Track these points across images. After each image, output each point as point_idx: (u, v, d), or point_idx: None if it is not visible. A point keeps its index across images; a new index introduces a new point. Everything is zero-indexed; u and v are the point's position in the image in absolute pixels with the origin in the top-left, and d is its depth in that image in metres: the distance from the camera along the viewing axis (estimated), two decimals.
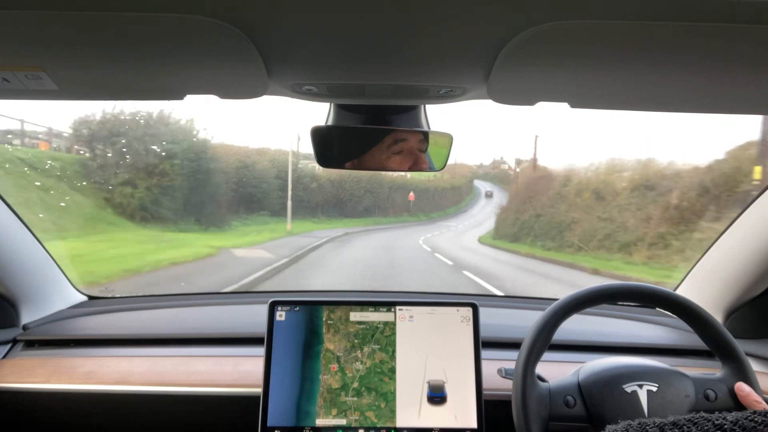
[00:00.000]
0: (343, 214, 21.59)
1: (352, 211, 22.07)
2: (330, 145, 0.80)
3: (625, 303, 1.33)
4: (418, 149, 0.80)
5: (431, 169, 0.83)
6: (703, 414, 0.35)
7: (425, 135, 0.80)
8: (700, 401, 0.79)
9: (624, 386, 0.80)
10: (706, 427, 0.33)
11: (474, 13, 0.45)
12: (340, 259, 9.67)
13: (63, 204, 8.92)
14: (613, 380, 0.81)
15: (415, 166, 0.81)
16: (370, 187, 23.10)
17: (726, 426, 0.32)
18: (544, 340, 0.83)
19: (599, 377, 0.83)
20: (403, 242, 14.24)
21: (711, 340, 0.84)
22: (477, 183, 43.98)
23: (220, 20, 0.46)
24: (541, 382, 0.83)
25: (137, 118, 11.63)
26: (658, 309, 1.33)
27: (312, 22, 0.47)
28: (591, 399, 0.81)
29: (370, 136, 0.80)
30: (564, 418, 0.81)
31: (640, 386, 0.80)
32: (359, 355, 0.95)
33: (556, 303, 0.85)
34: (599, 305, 0.96)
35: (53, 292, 1.29)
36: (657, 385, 0.80)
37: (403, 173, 14.64)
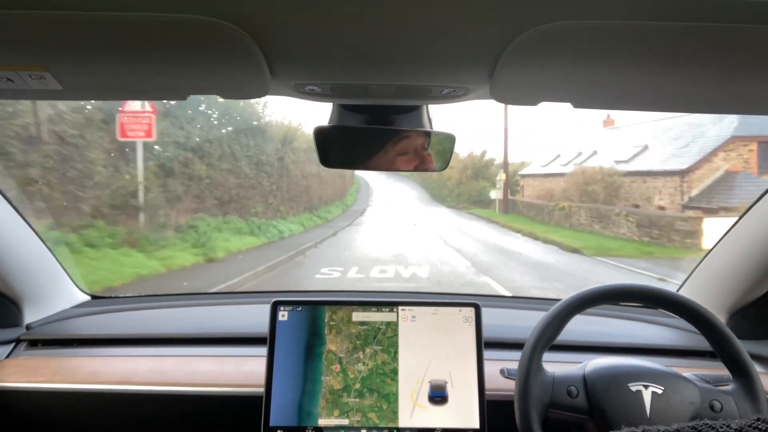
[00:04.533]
0: None
1: None
2: (333, 145, 0.80)
3: (633, 304, 1.33)
4: (422, 148, 0.80)
5: (435, 169, 0.84)
6: (707, 422, 0.34)
7: (429, 135, 0.80)
8: (704, 410, 0.79)
9: (629, 384, 0.80)
10: None
11: (477, 13, 0.45)
12: None
13: None
14: (619, 377, 0.82)
15: (421, 166, 0.81)
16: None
17: None
18: (555, 330, 0.84)
19: (606, 372, 0.83)
20: None
21: (725, 353, 0.83)
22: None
23: (224, 21, 0.46)
24: (546, 371, 0.84)
25: None
26: (660, 309, 1.32)
27: (315, 23, 0.47)
28: (594, 392, 0.81)
29: (373, 136, 0.80)
30: (565, 407, 0.82)
31: (646, 387, 0.80)
32: (361, 357, 0.95)
33: (572, 295, 0.86)
34: (602, 305, 0.96)
35: (56, 292, 1.29)
36: (663, 388, 0.80)
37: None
